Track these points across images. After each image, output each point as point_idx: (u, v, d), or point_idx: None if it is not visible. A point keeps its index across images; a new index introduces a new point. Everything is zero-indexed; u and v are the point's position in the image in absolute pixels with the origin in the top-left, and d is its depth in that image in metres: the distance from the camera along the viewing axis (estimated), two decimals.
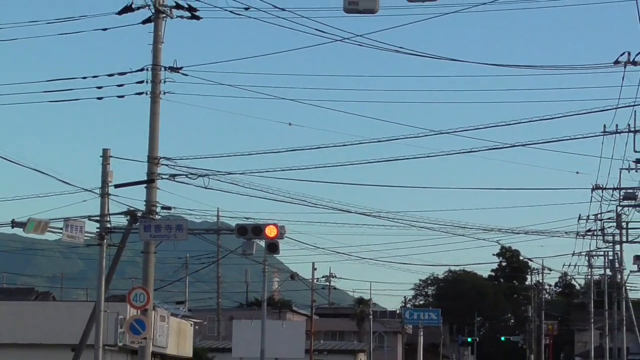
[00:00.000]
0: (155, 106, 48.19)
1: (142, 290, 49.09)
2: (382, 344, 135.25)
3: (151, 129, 48.16)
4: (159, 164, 48.42)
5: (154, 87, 47.76)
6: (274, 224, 49.60)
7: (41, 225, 47.21)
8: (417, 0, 17.70)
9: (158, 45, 47.67)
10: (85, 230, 48.36)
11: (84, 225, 48.16)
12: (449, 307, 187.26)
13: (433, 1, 18.04)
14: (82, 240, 49.88)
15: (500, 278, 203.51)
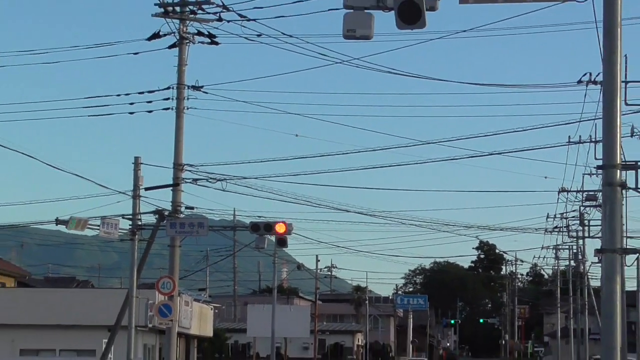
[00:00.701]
0: (179, 120, 48.61)
1: (169, 279, 49.39)
2: (376, 326, 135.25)
3: (176, 139, 48.53)
4: (183, 170, 48.85)
5: (179, 103, 48.18)
6: (283, 222, 49.93)
7: (81, 223, 47.75)
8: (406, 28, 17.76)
9: (182, 67, 48.08)
10: (119, 227, 48.89)
11: (118, 223, 48.67)
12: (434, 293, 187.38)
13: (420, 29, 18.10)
14: (117, 235, 50.32)
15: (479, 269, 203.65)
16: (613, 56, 18.54)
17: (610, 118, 19.56)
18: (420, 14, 17.20)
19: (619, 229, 19.34)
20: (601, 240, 20.22)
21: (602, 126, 19.26)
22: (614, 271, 19.35)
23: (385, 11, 17.29)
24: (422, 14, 17.21)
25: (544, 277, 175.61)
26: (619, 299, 19.60)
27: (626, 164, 19.51)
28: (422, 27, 17.45)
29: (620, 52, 18.97)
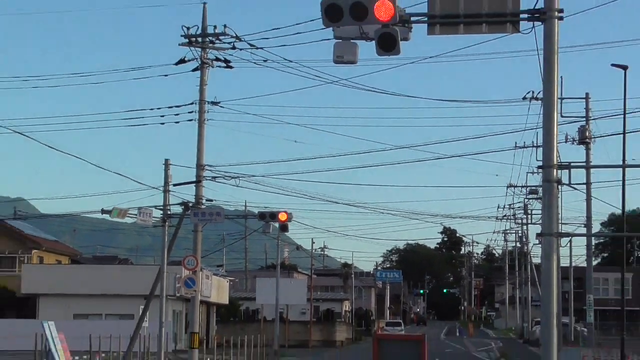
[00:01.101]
0: (201, 129, 49.00)
1: (193, 257, 49.65)
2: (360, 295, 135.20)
3: (198, 145, 48.88)
4: (204, 169, 49.29)
5: (200, 115, 48.61)
6: (285, 211, 50.24)
7: (122, 212, 48.21)
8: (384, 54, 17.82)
9: (203, 87, 48.54)
10: (152, 216, 49.16)
11: (151, 212, 49.04)
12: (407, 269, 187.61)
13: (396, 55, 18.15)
14: (151, 222, 50.55)
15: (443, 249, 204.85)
16: (551, 78, 18.60)
17: (548, 127, 19.61)
18: (396, 44, 17.29)
19: (555, 217, 19.43)
20: (541, 226, 20.34)
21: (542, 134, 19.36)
22: (551, 251, 19.43)
23: (368, 41, 17.39)
24: (397, 44, 17.29)
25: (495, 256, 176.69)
26: (555, 273, 19.74)
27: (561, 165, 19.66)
28: (397, 54, 17.53)
29: (556, 74, 19.01)
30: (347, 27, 17.40)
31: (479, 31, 18.55)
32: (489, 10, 18.32)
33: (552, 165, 19.63)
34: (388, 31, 17.37)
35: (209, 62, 48.32)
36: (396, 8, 17.34)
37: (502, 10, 18.31)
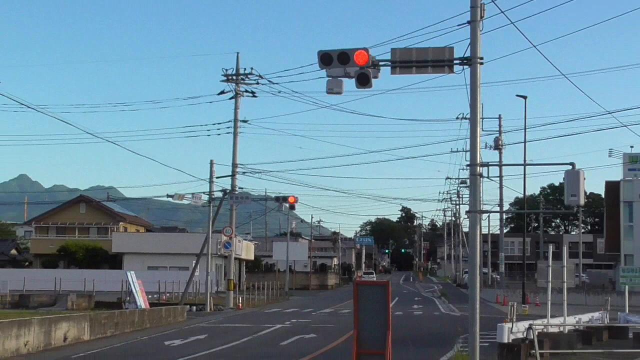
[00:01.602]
0: (235, 139, 50.11)
1: (229, 227, 50.23)
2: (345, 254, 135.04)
3: (233, 150, 49.75)
4: (237, 167, 50.39)
5: (234, 130, 49.48)
6: (293, 196, 50.65)
7: (180, 196, 48.48)
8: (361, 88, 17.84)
9: (237, 110, 49.53)
10: (201, 199, 49.24)
11: (201, 196, 49.45)
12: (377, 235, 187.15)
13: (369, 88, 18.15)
14: (200, 203, 50.78)
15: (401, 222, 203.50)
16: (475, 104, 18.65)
17: (473, 138, 19.63)
18: (369, 80, 17.38)
19: (478, 199, 19.47)
20: (469, 205, 20.41)
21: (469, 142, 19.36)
22: (476, 223, 19.49)
23: (350, 78, 17.44)
24: (370, 80, 17.39)
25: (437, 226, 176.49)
26: (478, 238, 19.83)
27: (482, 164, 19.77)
28: (370, 87, 17.61)
29: (479, 101, 19.04)
30: (335, 68, 17.45)
31: (426, 72, 18.62)
32: (433, 58, 18.39)
33: (476, 164, 19.72)
34: (364, 72, 17.42)
35: (241, 93, 49.20)
36: (370, 56, 17.43)
37: (441, 57, 18.36)
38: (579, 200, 20.68)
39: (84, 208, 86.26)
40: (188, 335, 29.65)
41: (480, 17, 18.99)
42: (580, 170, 21.92)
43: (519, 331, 21.55)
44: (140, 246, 72.01)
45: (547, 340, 21.95)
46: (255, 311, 45.57)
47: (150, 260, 65.68)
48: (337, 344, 24.86)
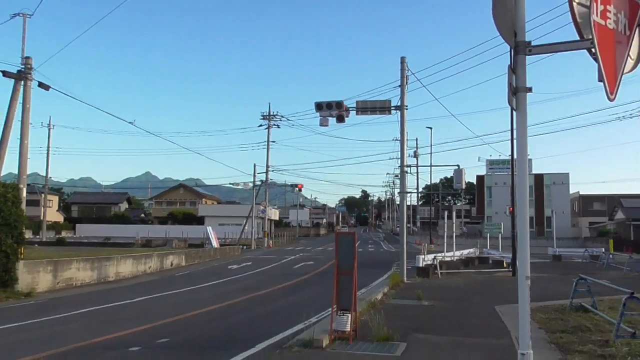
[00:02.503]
0: (268, 152, 49.12)
1: (264, 202, 49.87)
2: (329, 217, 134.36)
3: (267, 157, 49.10)
4: (269, 167, 49.06)
5: (267, 145, 48.50)
6: (301, 184, 50.86)
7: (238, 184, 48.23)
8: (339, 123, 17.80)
9: (269, 136, 48.85)
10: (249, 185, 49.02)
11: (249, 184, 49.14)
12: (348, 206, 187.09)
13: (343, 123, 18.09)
14: (248, 187, 50.30)
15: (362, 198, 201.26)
16: (403, 132, 18.59)
17: (402, 150, 19.56)
18: (344, 119, 17.33)
19: (405, 184, 19.38)
20: (399, 188, 20.35)
21: (400, 153, 19.29)
22: (404, 200, 19.42)
23: (332, 117, 17.35)
24: (344, 119, 17.34)
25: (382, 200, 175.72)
26: (404, 208, 19.72)
27: (406, 165, 19.76)
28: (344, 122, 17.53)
29: (405, 131, 19.01)
30: (324, 111, 17.41)
31: (375, 113, 18.58)
32: (379, 106, 18.40)
33: (404, 165, 19.66)
34: (340, 114, 17.40)
35: (271, 126, 48.40)
36: (344, 105, 17.39)
37: (384, 106, 18.38)
38: (462, 185, 20.96)
39: (182, 190, 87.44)
40: (241, 262, 29.69)
41: (405, 83, 19.06)
42: (463, 168, 22.00)
43: (428, 260, 21.73)
44: (214, 212, 71.72)
45: (444, 265, 22.09)
46: (279, 249, 45.53)
47: (220, 220, 65.23)
48: (326, 267, 25.01)
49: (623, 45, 3.78)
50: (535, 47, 3.98)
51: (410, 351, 7.71)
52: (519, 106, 3.95)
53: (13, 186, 15.85)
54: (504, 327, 9.74)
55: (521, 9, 3.92)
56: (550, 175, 63.59)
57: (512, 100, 3.94)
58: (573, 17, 3.72)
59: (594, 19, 3.58)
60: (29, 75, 17.31)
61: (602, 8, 3.64)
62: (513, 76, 3.92)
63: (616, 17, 3.74)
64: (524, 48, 3.93)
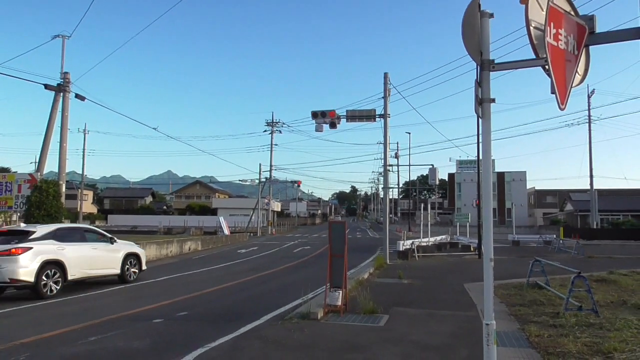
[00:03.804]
0: (271, 153, 48.24)
1: (268, 195, 49.52)
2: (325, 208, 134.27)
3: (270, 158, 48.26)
4: (272, 167, 48.52)
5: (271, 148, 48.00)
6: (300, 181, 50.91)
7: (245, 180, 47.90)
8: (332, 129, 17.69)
9: (272, 140, 47.79)
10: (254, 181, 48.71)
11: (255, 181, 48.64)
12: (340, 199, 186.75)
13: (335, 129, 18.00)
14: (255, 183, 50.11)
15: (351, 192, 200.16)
16: (386, 136, 18.57)
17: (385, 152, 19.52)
18: (336, 126, 17.27)
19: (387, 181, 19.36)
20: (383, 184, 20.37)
21: (383, 154, 19.26)
22: (386, 193, 19.43)
23: (326, 124, 17.28)
24: (336, 126, 17.28)
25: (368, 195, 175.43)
26: (387, 200, 19.72)
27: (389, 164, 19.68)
28: (336, 128, 17.47)
29: (388, 135, 18.99)
30: (319, 119, 17.35)
31: (362, 121, 18.53)
32: (366, 114, 18.34)
33: (386, 165, 19.64)
34: (333, 121, 17.36)
35: (274, 131, 47.59)
36: (336, 113, 17.35)
37: (370, 114, 18.31)
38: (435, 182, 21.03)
39: (199, 186, 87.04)
40: (249, 247, 29.60)
41: (387, 95, 19.01)
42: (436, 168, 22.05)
43: (407, 245, 21.68)
44: (226, 204, 71.31)
45: (421, 249, 22.07)
46: (281, 236, 45.45)
47: (230, 211, 64.92)
48: (321, 251, 24.96)
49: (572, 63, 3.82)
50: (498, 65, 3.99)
51: (392, 322, 7.73)
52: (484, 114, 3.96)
53: (54, 183, 15.79)
54: (471, 301, 9.78)
55: (486, 32, 3.93)
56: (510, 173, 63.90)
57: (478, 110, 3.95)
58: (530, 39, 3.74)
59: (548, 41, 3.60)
60: (67, 88, 17.21)
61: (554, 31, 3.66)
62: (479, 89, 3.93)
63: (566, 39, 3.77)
64: (489, 65, 3.94)
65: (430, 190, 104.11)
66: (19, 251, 10.32)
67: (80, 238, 11.87)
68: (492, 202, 4.09)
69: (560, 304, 8.48)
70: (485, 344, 3.87)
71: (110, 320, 8.12)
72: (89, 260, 11.82)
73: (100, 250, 12.29)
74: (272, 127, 48.01)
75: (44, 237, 10.95)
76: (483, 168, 4.12)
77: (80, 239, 11.83)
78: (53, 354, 6.08)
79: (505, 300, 9.42)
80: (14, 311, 9.28)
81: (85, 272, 11.78)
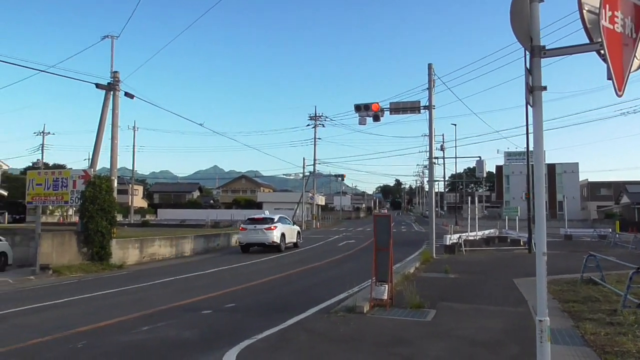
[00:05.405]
0: (315, 147, 48.57)
1: (313, 189, 49.65)
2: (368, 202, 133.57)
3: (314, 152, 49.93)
4: (316, 161, 48.84)
5: (315, 142, 48.20)
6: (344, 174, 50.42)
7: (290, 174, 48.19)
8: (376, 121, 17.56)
9: (315, 134, 48.02)
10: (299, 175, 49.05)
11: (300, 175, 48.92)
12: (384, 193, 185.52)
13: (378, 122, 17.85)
14: (300, 177, 50.29)
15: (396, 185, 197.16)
16: (431, 128, 18.29)
17: (430, 144, 19.25)
18: (379, 119, 17.11)
19: (433, 175, 19.08)
20: (428, 177, 20.02)
21: (428, 147, 19.00)
22: (432, 188, 19.14)
23: (369, 117, 17.13)
24: (379, 119, 17.13)
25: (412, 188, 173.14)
26: (433, 193, 19.45)
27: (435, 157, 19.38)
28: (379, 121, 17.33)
29: (433, 127, 18.68)
30: (362, 112, 17.23)
31: (406, 113, 18.27)
32: (410, 106, 18.08)
33: (432, 157, 19.36)
34: (377, 114, 17.20)
35: (317, 125, 47.66)
36: (380, 106, 17.18)
37: (414, 106, 18.06)
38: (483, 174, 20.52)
39: (244, 180, 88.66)
40: None
41: (432, 86, 18.68)
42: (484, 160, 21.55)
43: (454, 239, 21.29)
44: (270, 198, 71.86)
45: (468, 243, 21.64)
46: (325, 229, 45.58)
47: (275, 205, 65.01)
48: (366, 245, 24.88)
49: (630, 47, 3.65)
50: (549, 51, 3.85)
51: (439, 316, 7.63)
52: (535, 103, 3.84)
53: (106, 178, 16.37)
54: (522, 297, 9.52)
55: (536, 17, 3.80)
56: (562, 165, 61.80)
57: (529, 98, 3.83)
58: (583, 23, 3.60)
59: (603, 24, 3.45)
60: (117, 87, 17.77)
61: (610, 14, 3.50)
62: (530, 76, 3.81)
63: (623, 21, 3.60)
64: (539, 51, 3.80)
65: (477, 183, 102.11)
66: (272, 228, 20.96)
67: (286, 222, 22.87)
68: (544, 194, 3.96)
69: (617, 301, 8.13)
70: (539, 341, 3.76)
71: (161, 311, 8.38)
72: (289, 233, 22.55)
73: (291, 229, 23.10)
74: (315, 121, 48.05)
75: (277, 221, 21.57)
76: (534, 159, 3.98)
77: (286, 223, 22.78)
78: (108, 342, 6.33)
79: (558, 297, 9.11)
80: (74, 300, 9.75)
81: (289, 240, 22.41)
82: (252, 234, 21.10)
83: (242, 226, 22.38)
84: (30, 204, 15.84)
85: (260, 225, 21.09)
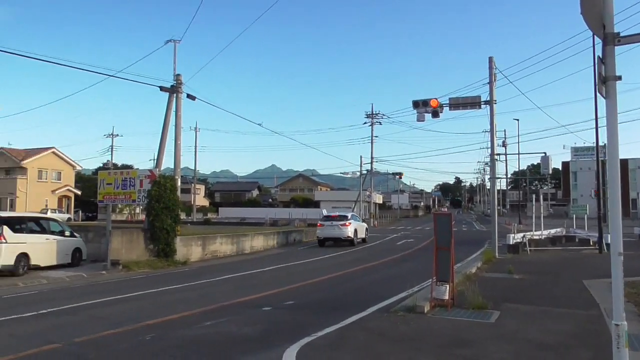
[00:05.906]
0: (372, 145, 47.86)
1: (370, 188, 49.16)
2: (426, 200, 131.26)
3: (371, 150, 49.36)
4: (373, 158, 48.39)
5: (371, 140, 47.53)
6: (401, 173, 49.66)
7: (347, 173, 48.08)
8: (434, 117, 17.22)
9: (372, 132, 47.44)
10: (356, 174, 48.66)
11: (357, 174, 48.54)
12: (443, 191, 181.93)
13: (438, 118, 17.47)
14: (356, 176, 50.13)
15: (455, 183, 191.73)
16: (492, 124, 17.70)
17: (492, 140, 18.64)
18: (438, 115, 16.74)
19: (495, 172, 18.47)
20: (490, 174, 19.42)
21: (490, 143, 18.44)
22: (494, 185, 18.52)
23: (428, 113, 16.80)
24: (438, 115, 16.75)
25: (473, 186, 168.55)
26: (495, 191, 18.82)
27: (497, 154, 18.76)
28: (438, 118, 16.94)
29: (494, 123, 18.08)
30: (420, 109, 16.93)
31: (466, 108, 17.81)
32: (470, 101, 17.60)
33: (493, 154, 18.75)
34: (435, 110, 16.84)
35: (374, 123, 47.14)
36: (438, 102, 16.82)
37: (474, 101, 17.57)
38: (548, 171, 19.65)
39: (302, 179, 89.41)
40: None
41: (493, 80, 18.08)
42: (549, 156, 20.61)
43: (518, 238, 20.53)
44: (328, 197, 71.75)
45: (532, 242, 20.81)
46: (383, 228, 45.20)
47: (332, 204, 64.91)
48: (425, 244, 24.47)
49: None
50: (623, 38, 3.61)
51: (503, 318, 7.37)
52: (609, 94, 3.61)
53: (170, 177, 16.96)
54: (593, 299, 9.03)
55: (609, 1, 3.57)
56: (635, 160, 58.28)
57: (601, 89, 3.61)
58: None
59: None
60: (180, 89, 18.36)
61: None
62: (602, 66, 3.59)
63: None
64: (613, 39, 3.58)
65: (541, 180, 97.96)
66: (347, 224, 23.13)
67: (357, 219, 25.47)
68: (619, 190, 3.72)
69: None
70: (615, 347, 3.54)
71: (224, 307, 8.60)
72: (360, 229, 24.68)
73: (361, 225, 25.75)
74: (371, 119, 47.67)
75: (350, 218, 23.73)
76: (608, 154, 3.75)
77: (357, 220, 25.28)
78: (174, 335, 6.55)
79: (633, 300, 8.59)
80: (142, 295, 10.20)
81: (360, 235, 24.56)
82: (328, 229, 23.28)
83: (320, 222, 24.25)
84: (102, 203, 16.60)
85: (337, 222, 23.30)
